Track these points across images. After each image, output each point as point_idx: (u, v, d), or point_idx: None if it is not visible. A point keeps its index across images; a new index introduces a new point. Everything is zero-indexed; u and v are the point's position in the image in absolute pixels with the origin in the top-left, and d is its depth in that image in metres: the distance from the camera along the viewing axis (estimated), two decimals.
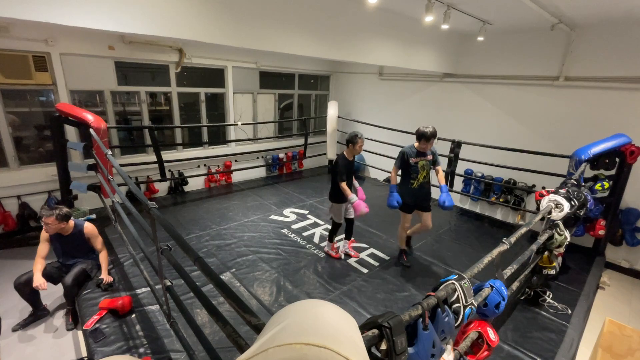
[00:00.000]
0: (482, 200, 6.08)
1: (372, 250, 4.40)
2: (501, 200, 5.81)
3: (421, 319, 1.39)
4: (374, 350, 1.19)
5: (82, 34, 4.63)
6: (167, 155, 5.76)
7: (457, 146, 5.46)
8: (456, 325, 1.59)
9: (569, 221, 3.40)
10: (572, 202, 3.08)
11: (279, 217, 5.29)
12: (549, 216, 2.99)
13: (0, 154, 4.49)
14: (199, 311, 3.09)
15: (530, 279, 3.32)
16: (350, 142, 3.70)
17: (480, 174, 6.04)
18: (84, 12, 2.58)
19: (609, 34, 4.59)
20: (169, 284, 2.28)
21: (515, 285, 2.74)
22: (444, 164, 4.99)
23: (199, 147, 6.58)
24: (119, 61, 5.17)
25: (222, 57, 6.28)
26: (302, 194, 6.43)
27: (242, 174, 7.05)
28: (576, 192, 3.26)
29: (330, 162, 8.01)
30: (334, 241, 4.16)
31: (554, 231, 2.97)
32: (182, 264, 2.08)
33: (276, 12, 3.66)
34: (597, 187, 4.16)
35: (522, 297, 3.47)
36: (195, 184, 6.45)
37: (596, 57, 4.77)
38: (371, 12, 4.43)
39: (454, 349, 1.76)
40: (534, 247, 2.77)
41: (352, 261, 4.09)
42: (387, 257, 4.23)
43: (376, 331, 1.19)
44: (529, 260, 3.15)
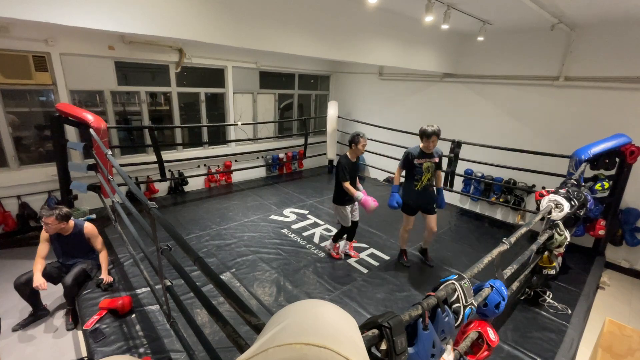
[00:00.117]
0: (482, 200, 6.08)
1: (372, 250, 4.40)
2: (501, 200, 5.81)
3: (421, 319, 1.39)
4: (374, 350, 1.19)
5: (82, 34, 4.63)
6: (167, 155, 5.76)
7: (457, 146, 5.46)
8: (456, 325, 1.59)
9: (569, 221, 3.41)
10: (572, 202, 3.08)
11: (279, 217, 5.29)
12: (549, 216, 2.99)
13: (0, 154, 4.49)
14: (199, 311, 3.09)
15: (530, 279, 3.32)
16: (352, 142, 3.65)
17: (480, 174, 6.04)
18: (84, 12, 2.59)
19: (609, 34, 4.59)
20: (169, 284, 2.28)
21: (515, 285, 2.74)
22: (444, 164, 4.98)
23: (199, 147, 6.58)
24: (119, 61, 5.17)
25: (222, 57, 6.28)
26: (302, 194, 6.43)
27: (242, 174, 7.05)
28: (576, 192, 3.26)
29: (330, 162, 8.02)
30: (337, 242, 4.14)
31: (554, 231, 2.97)
32: (182, 264, 2.08)
33: (276, 12, 3.66)
34: (597, 187, 4.16)
35: (522, 297, 3.47)
36: (195, 184, 6.45)
37: (596, 57, 4.77)
38: (371, 12, 4.43)
39: (454, 349, 1.76)
40: (534, 247, 2.77)
41: (352, 261, 4.09)
42: (387, 257, 4.23)
43: (376, 331, 1.19)
44: (529, 260, 3.15)
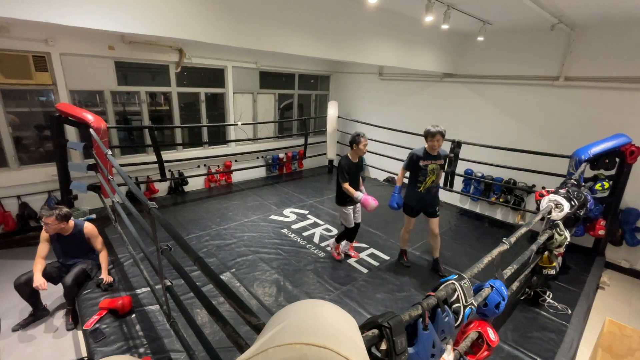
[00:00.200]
0: (482, 200, 6.08)
1: (372, 250, 4.40)
2: (501, 200, 5.81)
3: (421, 319, 1.39)
4: (374, 350, 1.19)
5: (82, 34, 4.63)
6: (167, 155, 5.76)
7: (457, 146, 5.46)
8: (456, 325, 1.59)
9: (569, 221, 3.40)
10: (572, 202, 3.08)
11: (279, 217, 5.29)
12: (549, 216, 2.99)
13: (0, 154, 4.49)
14: (199, 311, 3.09)
15: (530, 279, 3.32)
16: (353, 142, 3.59)
17: (480, 174, 6.04)
18: (84, 12, 2.59)
19: (609, 34, 4.59)
20: (169, 284, 2.28)
21: (515, 285, 2.74)
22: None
23: (199, 147, 6.58)
24: (119, 61, 5.17)
25: (222, 57, 6.28)
26: (302, 194, 6.43)
27: (242, 174, 7.05)
28: (576, 192, 3.27)
29: (330, 162, 8.02)
30: (340, 243, 4.09)
31: (554, 231, 2.97)
32: (182, 264, 2.08)
33: (276, 12, 3.66)
34: (597, 187, 4.16)
35: (522, 297, 3.47)
36: (195, 184, 6.45)
37: (596, 57, 4.77)
38: (371, 12, 4.43)
39: (454, 349, 1.76)
40: (534, 247, 2.77)
41: (352, 261, 4.09)
42: (387, 257, 4.23)
43: (376, 331, 1.19)
44: (529, 260, 3.15)
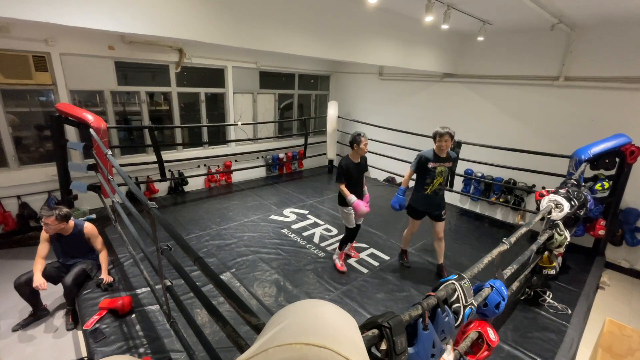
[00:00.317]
0: (482, 200, 6.08)
1: (372, 250, 4.40)
2: (501, 200, 5.81)
3: (421, 319, 1.39)
4: (374, 350, 1.19)
5: (82, 34, 4.63)
6: (167, 155, 5.76)
7: (457, 146, 5.45)
8: (456, 325, 1.59)
9: (569, 221, 3.41)
10: (572, 202, 3.08)
11: (279, 217, 5.29)
12: (549, 216, 3.00)
13: (0, 154, 4.49)
14: (199, 311, 3.09)
15: (530, 279, 3.32)
16: (353, 142, 3.54)
17: (480, 174, 6.04)
18: (84, 12, 2.59)
19: (609, 34, 4.59)
20: (169, 284, 2.28)
21: (515, 285, 2.74)
22: None
23: (199, 147, 6.58)
24: (119, 61, 5.17)
25: (222, 57, 6.28)
26: (302, 194, 6.43)
27: (242, 174, 7.05)
28: (576, 192, 3.27)
29: (330, 162, 8.02)
30: (343, 250, 3.95)
31: (554, 231, 2.97)
32: (182, 264, 2.08)
33: (276, 12, 3.66)
34: (597, 187, 4.17)
35: (522, 297, 3.47)
36: (195, 184, 6.45)
37: (596, 57, 4.77)
38: (371, 12, 4.43)
39: (454, 349, 1.76)
40: (534, 247, 2.77)
41: (352, 261, 4.08)
42: (387, 257, 4.23)
43: (376, 331, 1.19)
44: (529, 260, 3.15)
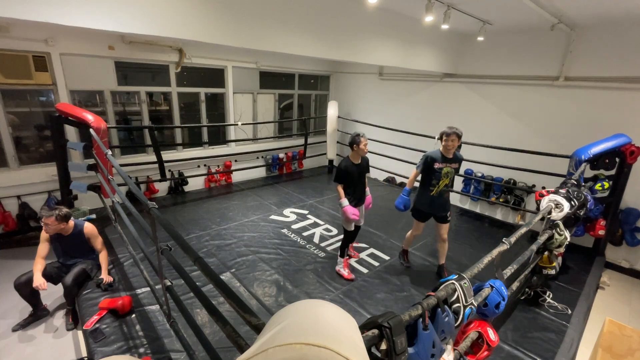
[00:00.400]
0: (482, 200, 6.08)
1: (372, 250, 4.39)
2: (501, 200, 5.81)
3: (421, 319, 1.39)
4: (374, 350, 1.19)
5: (82, 34, 4.63)
6: (167, 155, 5.76)
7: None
8: (456, 325, 1.59)
9: (569, 221, 3.40)
10: (572, 202, 3.08)
11: (279, 217, 5.29)
12: (549, 216, 3.00)
13: (0, 154, 4.49)
14: (199, 311, 3.09)
15: (530, 279, 3.32)
16: (353, 143, 3.49)
17: (480, 174, 6.04)
18: (84, 12, 2.59)
19: (609, 34, 4.59)
20: (169, 284, 2.28)
21: (515, 285, 2.74)
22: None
23: (199, 147, 6.58)
24: (119, 61, 5.17)
25: (222, 57, 6.28)
26: (302, 194, 6.43)
27: (242, 174, 7.05)
28: (576, 192, 3.27)
29: (330, 162, 8.02)
30: (346, 257, 3.84)
31: (554, 231, 2.97)
32: (182, 264, 2.08)
33: (276, 12, 3.66)
34: (597, 187, 4.16)
35: (522, 297, 3.47)
36: (195, 184, 6.45)
37: (596, 57, 4.77)
38: (371, 12, 4.43)
39: (454, 349, 1.76)
40: (534, 247, 2.77)
41: (352, 261, 4.08)
42: (387, 257, 4.23)
43: (376, 331, 1.19)
44: (529, 260, 3.15)
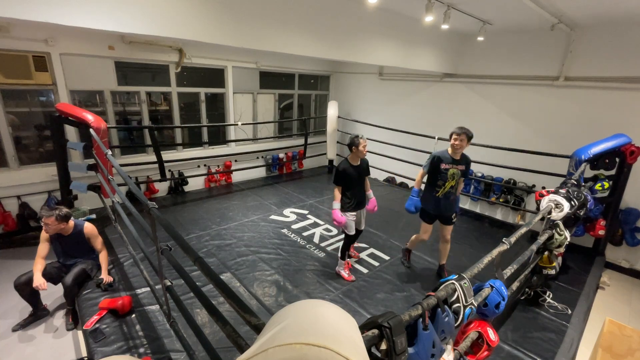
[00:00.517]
0: (482, 200, 6.07)
1: (372, 250, 4.39)
2: (501, 200, 5.81)
3: (421, 319, 1.39)
4: (374, 350, 1.19)
5: (82, 34, 4.63)
6: (167, 155, 5.76)
7: None
8: (456, 325, 1.59)
9: (569, 221, 3.40)
10: (572, 202, 3.08)
11: (279, 217, 5.29)
12: (549, 216, 3.00)
13: (0, 154, 4.49)
14: (199, 311, 3.09)
15: (530, 279, 3.32)
16: (352, 145, 3.45)
17: (480, 174, 6.04)
18: (84, 12, 2.59)
19: (609, 34, 4.59)
20: (169, 284, 2.27)
21: (515, 285, 2.74)
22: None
23: (199, 147, 6.58)
24: (119, 61, 5.17)
25: (222, 57, 6.28)
26: (302, 194, 6.43)
27: (242, 174, 7.05)
28: (576, 192, 3.26)
29: (330, 162, 8.02)
30: (347, 259, 3.81)
31: (554, 231, 2.97)
32: (182, 264, 2.08)
33: (276, 12, 3.66)
34: (597, 187, 4.16)
35: (522, 297, 3.47)
36: (195, 184, 6.45)
37: (596, 57, 4.77)
38: (371, 12, 4.43)
39: (454, 349, 1.76)
40: (534, 247, 2.77)
41: (352, 261, 4.08)
42: (387, 257, 4.23)
43: (376, 331, 1.19)
44: (529, 260, 3.15)
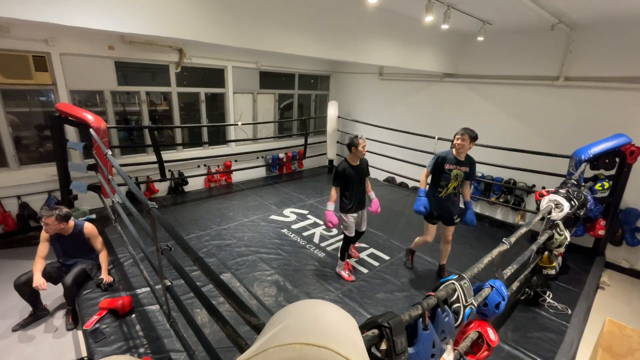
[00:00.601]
0: (482, 200, 6.07)
1: (372, 250, 4.39)
2: (501, 200, 5.81)
3: (421, 319, 1.39)
4: (374, 350, 1.19)
5: (82, 34, 4.63)
6: (167, 155, 5.76)
7: None
8: (456, 325, 1.59)
9: (569, 221, 3.40)
10: (572, 202, 3.08)
11: (279, 217, 5.29)
12: (549, 216, 2.99)
13: (0, 154, 4.49)
14: (199, 311, 3.09)
15: (530, 279, 3.32)
16: (351, 145, 3.44)
17: (480, 174, 6.03)
18: (84, 12, 2.59)
19: (609, 34, 4.59)
20: (169, 284, 2.27)
21: (515, 285, 2.74)
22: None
23: (199, 147, 6.58)
24: (119, 61, 5.17)
25: (222, 57, 6.28)
26: (302, 194, 6.43)
27: (242, 174, 7.05)
28: (576, 192, 3.26)
29: (330, 162, 8.02)
30: (346, 260, 3.80)
31: (554, 231, 2.97)
32: (182, 264, 2.08)
33: (276, 12, 3.66)
34: (597, 187, 4.16)
35: (522, 297, 3.47)
36: (195, 184, 6.45)
37: (596, 57, 4.76)
38: (371, 12, 4.43)
39: (454, 349, 1.76)
40: (534, 247, 2.77)
41: (352, 261, 4.08)
42: (387, 257, 4.23)
43: (376, 331, 1.19)
44: (529, 260, 3.15)
